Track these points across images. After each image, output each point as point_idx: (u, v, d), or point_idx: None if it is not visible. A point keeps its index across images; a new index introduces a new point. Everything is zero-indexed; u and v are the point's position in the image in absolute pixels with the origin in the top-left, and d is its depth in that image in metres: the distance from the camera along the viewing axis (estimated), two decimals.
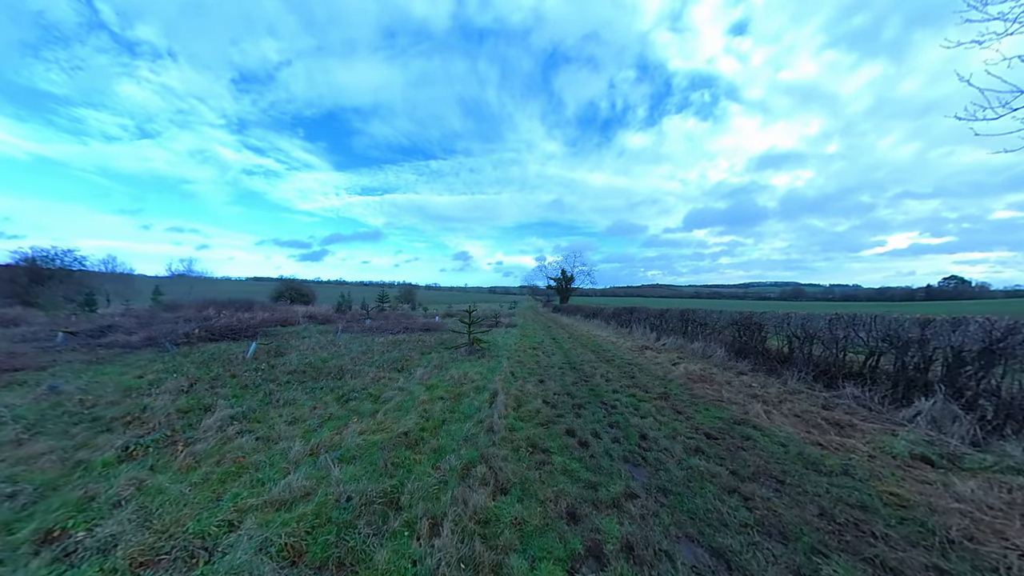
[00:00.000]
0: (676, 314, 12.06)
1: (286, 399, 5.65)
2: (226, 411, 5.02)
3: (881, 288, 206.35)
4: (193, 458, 3.80)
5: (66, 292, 22.37)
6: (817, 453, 3.74)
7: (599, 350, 10.33)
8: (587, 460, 3.44)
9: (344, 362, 8.29)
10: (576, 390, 5.90)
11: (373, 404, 5.28)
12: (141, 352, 9.96)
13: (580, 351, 10.08)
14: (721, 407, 5.08)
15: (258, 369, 7.74)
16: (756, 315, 8.38)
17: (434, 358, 8.73)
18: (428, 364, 7.94)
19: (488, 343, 10.64)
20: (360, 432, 4.17)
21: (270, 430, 4.42)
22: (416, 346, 10.79)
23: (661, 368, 7.70)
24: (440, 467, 3.30)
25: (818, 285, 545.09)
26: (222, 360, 8.79)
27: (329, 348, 10.36)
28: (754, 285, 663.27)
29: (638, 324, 14.19)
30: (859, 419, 4.75)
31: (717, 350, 8.64)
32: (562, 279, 62.42)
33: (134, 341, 11.15)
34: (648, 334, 12.77)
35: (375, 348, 10.22)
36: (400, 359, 8.66)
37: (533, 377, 6.79)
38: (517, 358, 8.76)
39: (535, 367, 7.71)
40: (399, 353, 9.46)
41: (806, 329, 7.02)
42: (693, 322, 11.04)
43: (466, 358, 8.64)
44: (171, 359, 8.97)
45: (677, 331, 11.64)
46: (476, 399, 5.36)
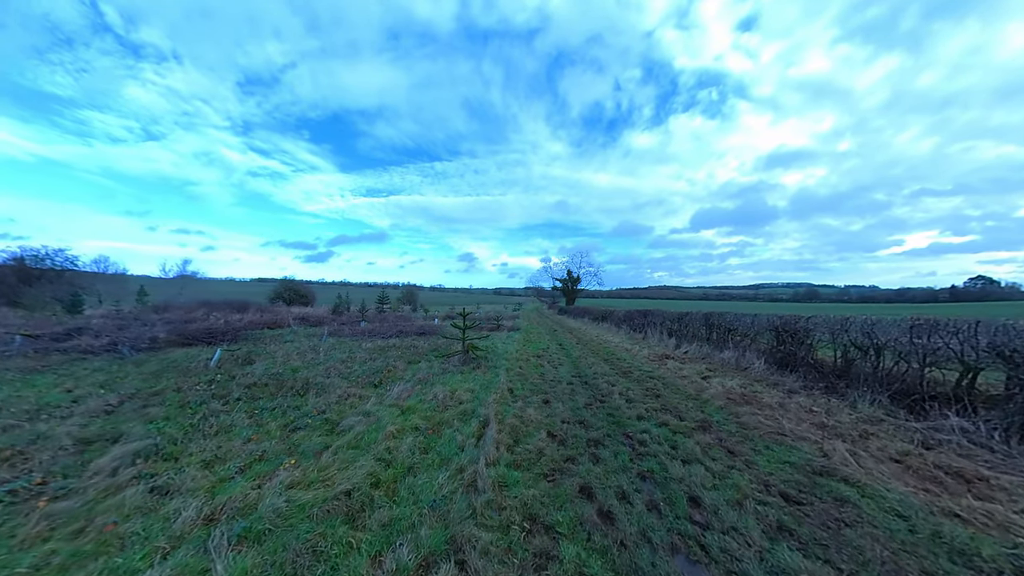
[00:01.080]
0: (699, 318, 10.74)
1: (222, 425, 4.53)
2: (135, 444, 3.90)
3: (901, 289, 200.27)
4: (49, 523, 2.66)
5: (55, 292, 21.72)
6: (963, 535, 2.46)
7: (613, 359, 9.07)
8: (615, 551, 2.21)
9: (315, 373, 7.16)
10: (590, 415, 4.66)
11: (325, 437, 4.10)
12: (96, 358, 8.97)
13: (591, 360, 8.83)
14: (786, 445, 3.81)
15: (213, 381, 6.65)
16: (801, 319, 7.06)
17: (421, 369, 7.56)
18: (412, 377, 6.77)
19: (485, 351, 9.44)
20: (288, 486, 2.99)
21: (177, 475, 3.28)
22: (405, 353, 9.64)
23: (690, 383, 6.42)
24: (384, 565, 2.10)
25: (832, 286, 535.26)
26: (179, 369, 7.73)
27: (307, 355, 9.25)
28: (765, 286, 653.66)
29: (653, 329, 12.88)
30: (984, 466, 3.46)
31: (754, 361, 7.33)
32: (568, 280, 61.03)
33: (96, 345, 10.18)
34: (665, 340, 11.46)
35: (358, 355, 9.09)
36: (381, 370, 7.50)
37: (536, 396, 5.56)
38: (518, 369, 7.55)
39: (539, 382, 6.48)
40: (383, 362, 8.31)
41: (872, 337, 5.71)
42: (719, 327, 9.72)
43: (458, 369, 7.46)
44: (120, 368, 7.93)
45: (700, 337, 10.32)
46: (461, 431, 4.15)
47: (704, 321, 10.28)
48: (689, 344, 10.07)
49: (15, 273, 22.12)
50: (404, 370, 7.60)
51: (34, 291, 21.03)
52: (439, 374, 7.11)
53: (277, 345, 11.20)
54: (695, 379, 6.73)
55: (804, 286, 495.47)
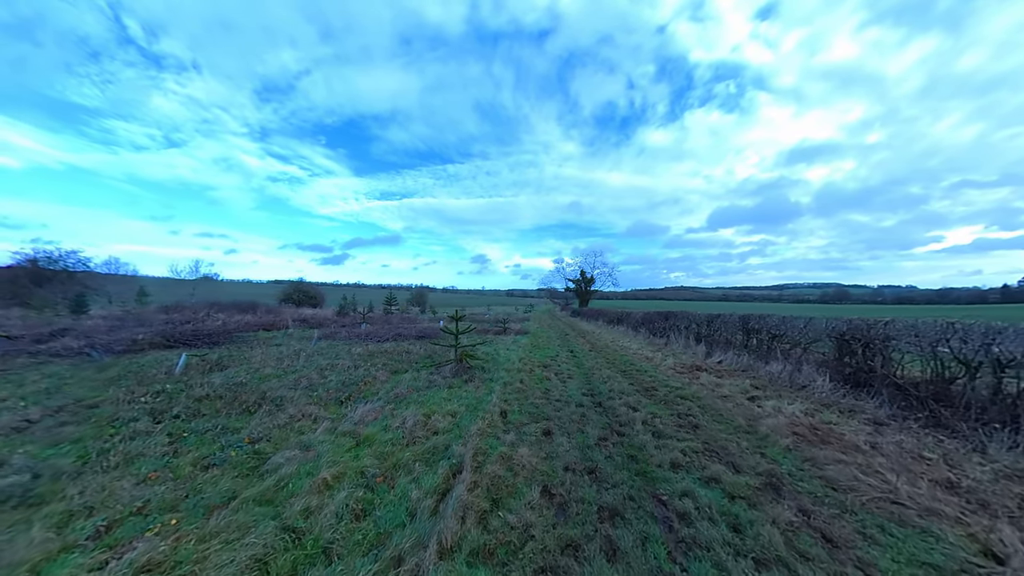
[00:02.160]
0: (733, 321, 9.25)
1: (129, 453, 3.53)
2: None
3: (942, 289, 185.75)
4: None
5: (64, 293, 21.95)
6: None
7: (631, 370, 7.72)
8: None
9: (282, 384, 6.16)
10: (604, 459, 3.40)
11: (240, 480, 3.04)
12: (64, 361, 8.31)
13: (606, 372, 7.51)
14: (913, 526, 2.46)
15: (162, 392, 5.74)
16: (876, 324, 5.56)
17: (404, 381, 6.45)
18: (388, 393, 5.66)
19: (484, 359, 8.27)
20: (138, 570, 1.91)
21: (9, 538, 2.27)
22: (394, 360, 8.58)
23: (736, 407, 5.05)
24: None
25: (864, 286, 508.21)
26: (138, 376, 6.89)
27: (286, 361, 8.32)
28: (789, 287, 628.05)
29: (677, 334, 11.40)
30: None
31: (814, 377, 5.87)
32: (581, 281, 59.27)
33: (73, 347, 9.60)
34: (692, 347, 9.99)
35: (341, 362, 8.08)
36: (358, 382, 6.44)
37: (535, 424, 4.33)
38: (518, 383, 6.33)
39: (541, 402, 5.24)
40: (365, 371, 7.26)
41: (989, 348, 4.22)
42: (760, 332, 8.22)
43: (447, 382, 6.31)
44: (78, 373, 7.17)
45: (735, 344, 8.84)
46: (421, 481, 2.98)
47: (741, 325, 8.79)
48: (723, 352, 8.60)
49: (28, 274, 22.48)
50: (384, 382, 6.51)
51: (44, 291, 21.26)
52: (423, 388, 5.98)
53: (262, 349, 10.37)
54: (740, 400, 5.34)
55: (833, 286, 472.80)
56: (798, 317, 7.45)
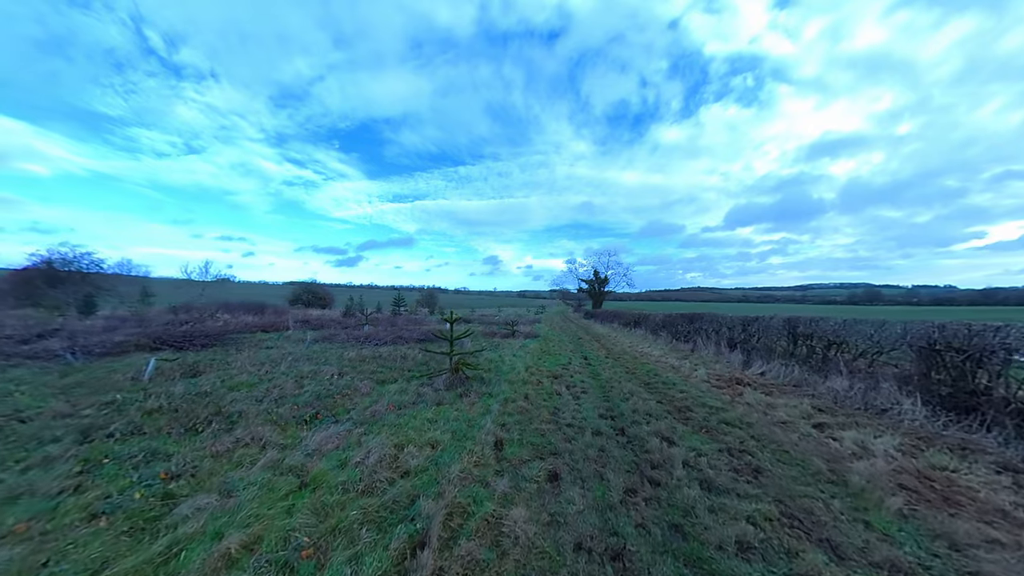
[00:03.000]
0: (776, 326, 8.00)
1: (12, 489, 2.76)
2: None
3: (986, 289, 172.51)
4: None
5: (75, 294, 22.22)
6: None
7: (656, 383, 6.61)
8: None
9: (248, 396, 5.36)
10: (634, 529, 2.37)
11: (117, 540, 2.16)
12: (34, 364, 7.79)
13: (627, 385, 6.42)
14: None
15: (111, 403, 5.02)
16: (987, 329, 4.31)
17: (389, 393, 5.55)
18: (364, 410, 4.75)
19: (486, 367, 7.30)
20: None
21: None
22: (385, 367, 7.71)
23: (802, 439, 3.92)
24: None
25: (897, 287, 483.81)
26: (98, 383, 6.23)
27: (267, 366, 7.57)
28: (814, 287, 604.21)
29: (706, 339, 10.17)
30: None
31: (898, 398, 4.65)
32: (595, 281, 57.70)
33: (53, 349, 9.15)
34: (725, 354, 8.77)
35: (326, 370, 7.26)
36: (336, 394, 5.57)
37: (538, 462, 3.32)
38: (522, 399, 5.33)
39: (548, 427, 4.22)
40: (348, 380, 6.40)
41: None
42: (811, 338, 6.97)
43: (438, 396, 5.37)
44: (37, 378, 6.56)
45: (780, 352, 7.59)
46: (365, 560, 2.03)
47: (786, 330, 7.54)
48: (764, 361, 7.37)
49: (43, 275, 22.88)
50: (366, 394, 5.62)
51: (55, 292, 21.54)
52: (407, 405, 5.06)
53: (251, 352, 9.71)
54: (805, 429, 4.20)
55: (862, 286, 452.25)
56: (863, 320, 6.19)
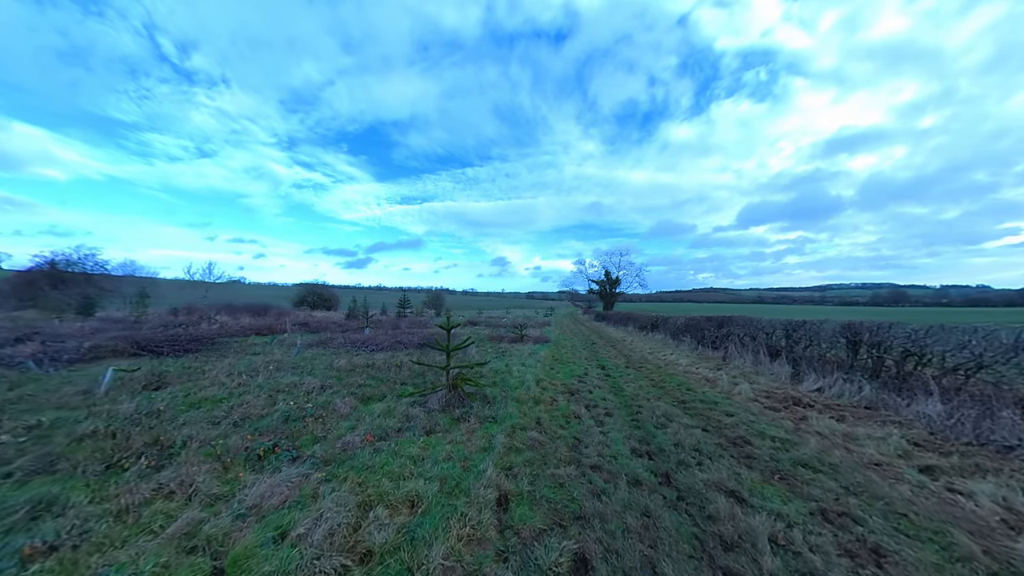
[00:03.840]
0: (829, 332, 6.86)
1: None
2: None
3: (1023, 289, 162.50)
4: None
5: (77, 295, 22.06)
6: None
7: (693, 401, 5.56)
8: None
9: (205, 417, 4.51)
10: None
11: None
12: None
13: (657, 403, 5.39)
14: None
15: (35, 427, 4.21)
16: None
17: (371, 416, 4.63)
18: (335, 441, 3.84)
19: (490, 380, 6.35)
20: None
21: None
22: (375, 378, 6.82)
23: (917, 492, 2.86)
24: None
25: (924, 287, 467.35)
26: (45, 398, 5.47)
27: (243, 377, 6.76)
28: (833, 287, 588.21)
29: (740, 346, 9.03)
30: None
31: None
32: (606, 282, 56.29)
33: (21, 353, 8.53)
34: (765, 365, 7.65)
35: (306, 382, 6.39)
36: (309, 415, 4.68)
37: (556, 535, 2.34)
38: (533, 426, 4.34)
39: (568, 470, 3.23)
40: (328, 396, 5.50)
41: None
42: (879, 347, 5.82)
43: (430, 420, 4.43)
44: None
45: (837, 363, 6.46)
46: None
47: (846, 336, 6.39)
48: (819, 375, 6.25)
49: (46, 277, 22.79)
50: (344, 416, 4.71)
51: (57, 294, 21.38)
52: (391, 432, 4.13)
53: (234, 358, 8.95)
54: (909, 475, 3.12)
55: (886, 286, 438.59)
56: (954, 327, 5.04)
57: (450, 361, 5.16)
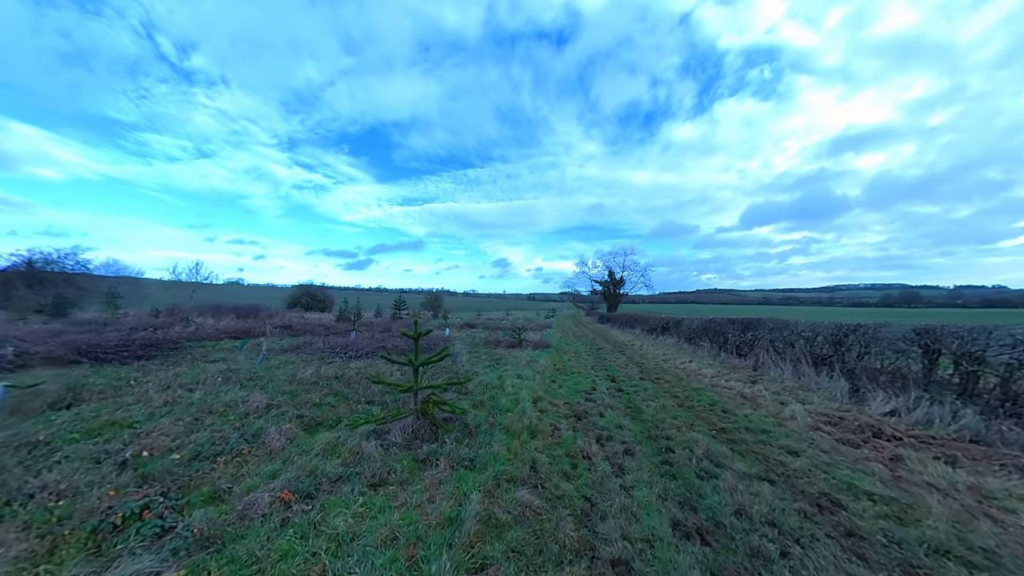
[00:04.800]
0: (894, 338, 5.61)
1: None
2: None
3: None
4: None
5: (53, 296, 21.12)
6: None
7: (737, 430, 4.33)
8: None
9: (100, 451, 3.35)
10: None
11: None
12: None
13: (690, 433, 4.16)
14: None
15: None
16: None
17: (311, 451, 3.45)
18: (235, 502, 2.65)
19: (468, 405, 5.16)
20: None
21: None
22: (339, 395, 5.65)
23: None
24: None
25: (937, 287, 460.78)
26: None
27: (181, 391, 5.60)
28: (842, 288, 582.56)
29: (775, 354, 7.78)
30: None
31: None
32: (609, 282, 54.93)
33: None
34: (811, 378, 6.41)
35: (251, 399, 5.22)
36: (231, 449, 3.50)
37: None
38: (526, 473, 3.13)
39: (579, 572, 2.04)
40: (264, 422, 4.32)
41: None
42: (969, 358, 4.58)
43: (383, 465, 3.25)
44: None
45: (907, 379, 5.21)
46: None
47: (923, 343, 5.14)
48: (888, 393, 5.00)
49: (22, 276, 21.86)
50: (274, 452, 3.54)
51: (31, 294, 20.43)
52: (326, 482, 2.95)
53: (187, 367, 7.81)
54: None
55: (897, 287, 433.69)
56: None
57: (419, 379, 3.97)
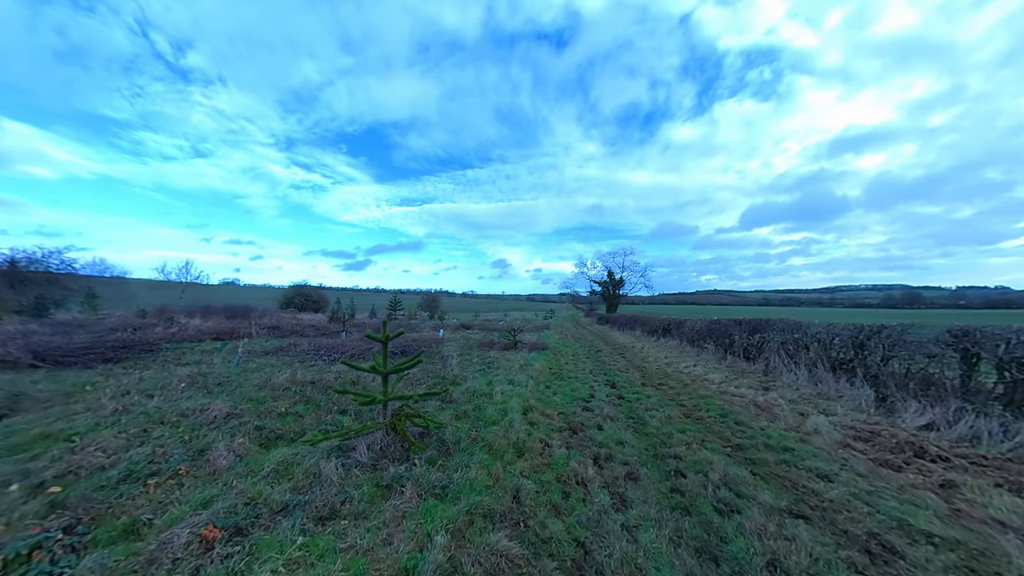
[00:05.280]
0: (925, 340, 5.09)
1: None
2: None
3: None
4: None
5: (38, 296, 20.61)
6: None
7: (755, 447, 3.81)
8: None
9: (13, 472, 2.82)
10: None
11: None
12: None
13: (706, 453, 3.64)
14: None
15: None
16: None
17: (261, 470, 2.91)
18: (156, 534, 2.12)
19: (437, 425, 4.63)
20: None
21: None
22: (313, 402, 5.12)
23: None
24: None
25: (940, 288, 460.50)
26: None
27: (137, 397, 5.07)
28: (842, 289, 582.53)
29: (786, 358, 7.26)
30: None
31: None
32: (609, 283, 54.40)
33: None
34: (830, 385, 5.90)
35: (212, 408, 4.69)
36: (169, 469, 2.96)
37: None
38: (506, 507, 2.60)
39: None
40: (216, 435, 3.80)
41: None
42: (1015, 364, 4.07)
43: (349, 481, 2.72)
44: None
45: (944, 386, 4.69)
46: None
47: (961, 347, 4.62)
48: (921, 403, 4.48)
49: (4, 276, 21.32)
50: (219, 472, 3.01)
51: (11, 293, 19.90)
52: (272, 511, 2.42)
53: (156, 370, 7.28)
54: None
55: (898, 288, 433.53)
56: None
57: (388, 389, 3.44)
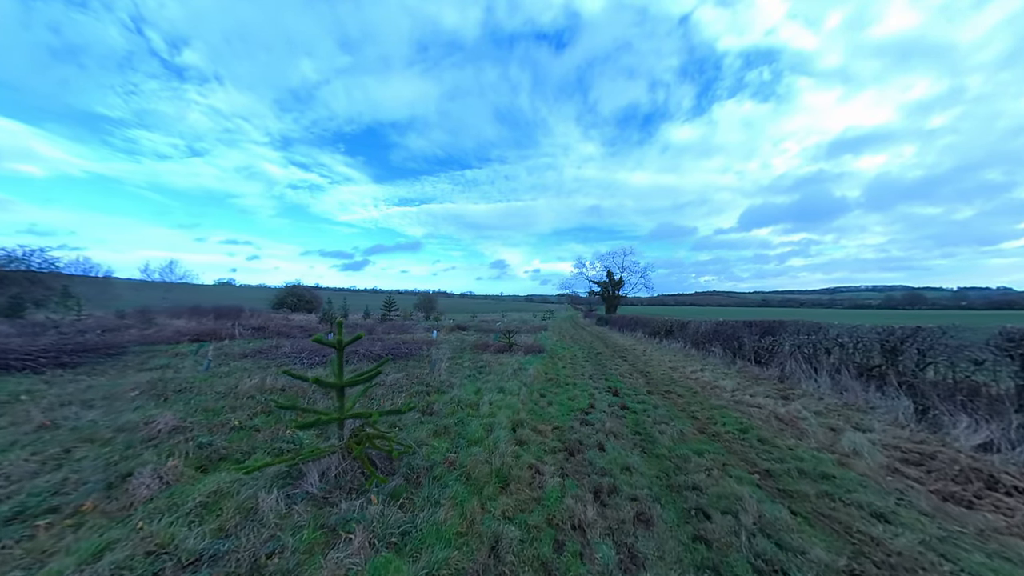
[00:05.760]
0: (971, 345, 4.51)
1: None
2: None
3: None
4: None
5: (14, 295, 19.93)
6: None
7: (790, 476, 3.21)
8: None
9: None
10: None
11: None
12: None
13: (730, 484, 3.03)
14: None
15: None
16: None
17: (181, 508, 2.30)
18: None
19: (403, 449, 4.03)
20: None
21: None
22: (274, 415, 4.52)
23: None
24: None
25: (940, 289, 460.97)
26: None
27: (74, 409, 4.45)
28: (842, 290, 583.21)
29: (804, 363, 6.67)
30: None
31: None
32: (608, 283, 53.78)
33: None
34: (857, 395, 5.31)
35: (159, 420, 4.07)
36: (69, 506, 2.34)
37: None
38: (479, 571, 2.02)
39: None
40: (149, 456, 3.18)
41: None
42: None
43: (289, 524, 2.11)
44: None
45: (995, 398, 4.10)
46: None
47: (1013, 356, 4.04)
48: (974, 419, 3.89)
49: None
50: (137, 506, 2.40)
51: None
52: (173, 571, 1.82)
53: (113, 375, 6.66)
54: None
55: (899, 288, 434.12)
56: None
57: (347, 405, 2.84)
